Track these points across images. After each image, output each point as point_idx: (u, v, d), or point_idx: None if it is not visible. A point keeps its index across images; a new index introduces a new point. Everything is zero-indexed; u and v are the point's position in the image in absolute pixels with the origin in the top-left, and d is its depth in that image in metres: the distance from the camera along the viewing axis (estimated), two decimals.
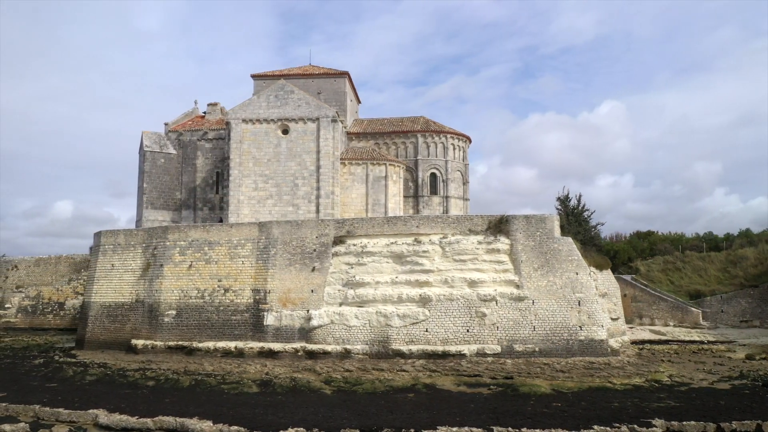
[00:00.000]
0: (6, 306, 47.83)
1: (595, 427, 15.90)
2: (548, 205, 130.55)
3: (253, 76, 45.01)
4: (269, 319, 27.43)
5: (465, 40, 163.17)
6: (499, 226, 26.62)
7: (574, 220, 29.94)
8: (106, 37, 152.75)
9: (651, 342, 33.38)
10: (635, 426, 16.00)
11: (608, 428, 15.87)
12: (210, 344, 27.56)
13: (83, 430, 17.71)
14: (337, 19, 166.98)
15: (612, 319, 28.37)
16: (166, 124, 44.60)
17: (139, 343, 28.93)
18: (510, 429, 15.83)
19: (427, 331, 25.58)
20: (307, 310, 27.05)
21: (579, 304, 25.46)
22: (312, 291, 27.36)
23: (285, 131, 39.31)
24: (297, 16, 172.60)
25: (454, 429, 15.88)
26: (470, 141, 46.67)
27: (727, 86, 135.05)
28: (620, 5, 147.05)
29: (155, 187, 42.05)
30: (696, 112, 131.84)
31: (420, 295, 25.91)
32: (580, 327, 25.20)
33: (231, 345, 27.20)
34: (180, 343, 28.31)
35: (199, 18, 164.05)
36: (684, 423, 16.25)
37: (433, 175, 43.64)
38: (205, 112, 47.19)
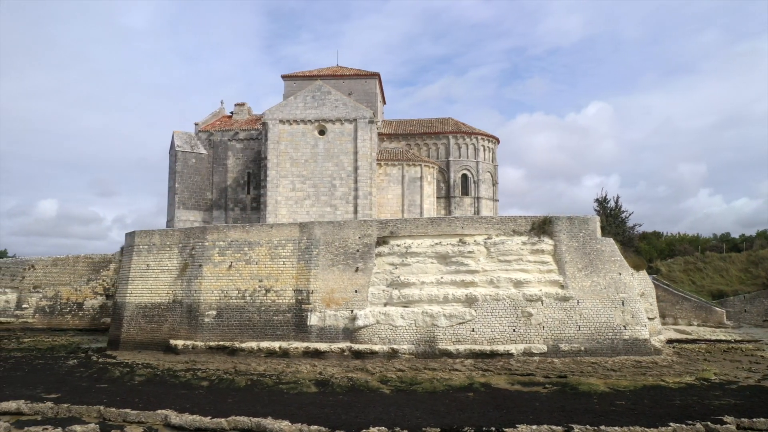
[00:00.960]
0: (23, 306, 47.46)
1: (671, 424, 16.24)
2: (536, 205, 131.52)
3: (284, 77, 45.02)
4: (313, 319, 27.54)
5: (453, 40, 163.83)
6: (543, 227, 26.94)
7: (613, 221, 30.32)
8: (92, 34, 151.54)
9: (679, 341, 33.84)
10: (708, 423, 16.37)
11: (683, 425, 16.21)
12: (253, 344, 27.60)
13: (154, 430, 17.75)
14: (325, 18, 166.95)
15: (649, 318, 28.80)
16: (196, 124, 44.48)
17: (179, 343, 28.90)
18: (588, 427, 16.13)
19: (473, 330, 25.83)
20: (352, 310, 27.19)
21: (623, 304, 25.83)
22: (356, 291, 27.51)
23: (321, 132, 39.48)
24: (285, 15, 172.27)
25: (534, 427, 16.14)
26: (498, 142, 47.09)
27: (711, 88, 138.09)
28: (607, 7, 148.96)
29: (187, 187, 41.94)
30: (681, 113, 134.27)
31: (466, 295, 26.15)
32: (624, 326, 25.57)
33: (275, 345, 27.26)
34: (221, 343, 28.32)
35: (186, 16, 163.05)
36: (754, 420, 16.65)
37: (464, 176, 43.96)
38: (232, 112, 47.12)
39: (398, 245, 27.62)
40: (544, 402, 19.33)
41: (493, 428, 16.08)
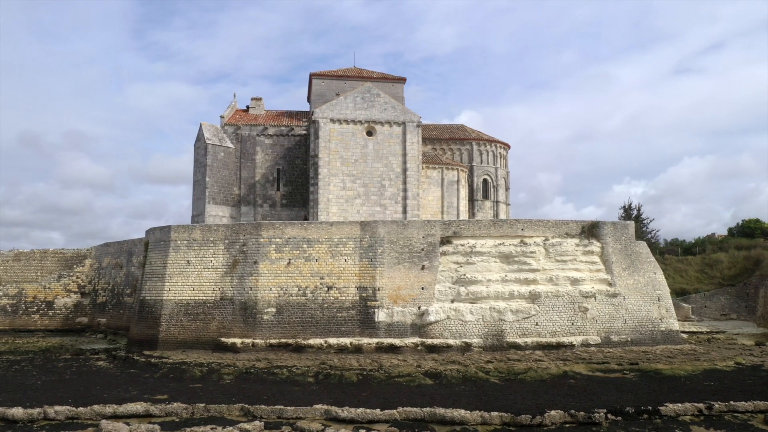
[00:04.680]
0: None
1: None
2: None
3: (312, 75, 44.31)
4: (380, 316, 28.28)
5: (332, 40, 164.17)
6: (592, 230, 29.86)
7: (638, 227, 34.00)
8: None
9: None
10: None
11: None
12: (320, 341, 27.78)
13: (325, 426, 17.76)
14: (200, 6, 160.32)
15: None
16: (221, 117, 42.43)
17: (237, 341, 28.27)
18: (720, 403, 18.86)
19: (537, 324, 28.09)
20: (419, 307, 28.32)
21: (659, 300, 29.43)
22: (422, 288, 28.67)
23: (369, 133, 39.88)
24: None
25: (679, 405, 18.56)
26: (509, 148, 49.98)
27: (567, 105, 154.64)
28: (478, 21, 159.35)
29: (216, 181, 39.99)
30: (541, 126, 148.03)
31: (530, 292, 28.36)
32: (660, 319, 29.15)
33: (345, 341, 27.66)
34: (283, 340, 28.16)
35: None
36: None
37: (484, 181, 46.35)
38: (248, 106, 45.53)
39: (462, 245, 29.19)
40: (648, 385, 21.86)
41: (650, 407, 18.29)
